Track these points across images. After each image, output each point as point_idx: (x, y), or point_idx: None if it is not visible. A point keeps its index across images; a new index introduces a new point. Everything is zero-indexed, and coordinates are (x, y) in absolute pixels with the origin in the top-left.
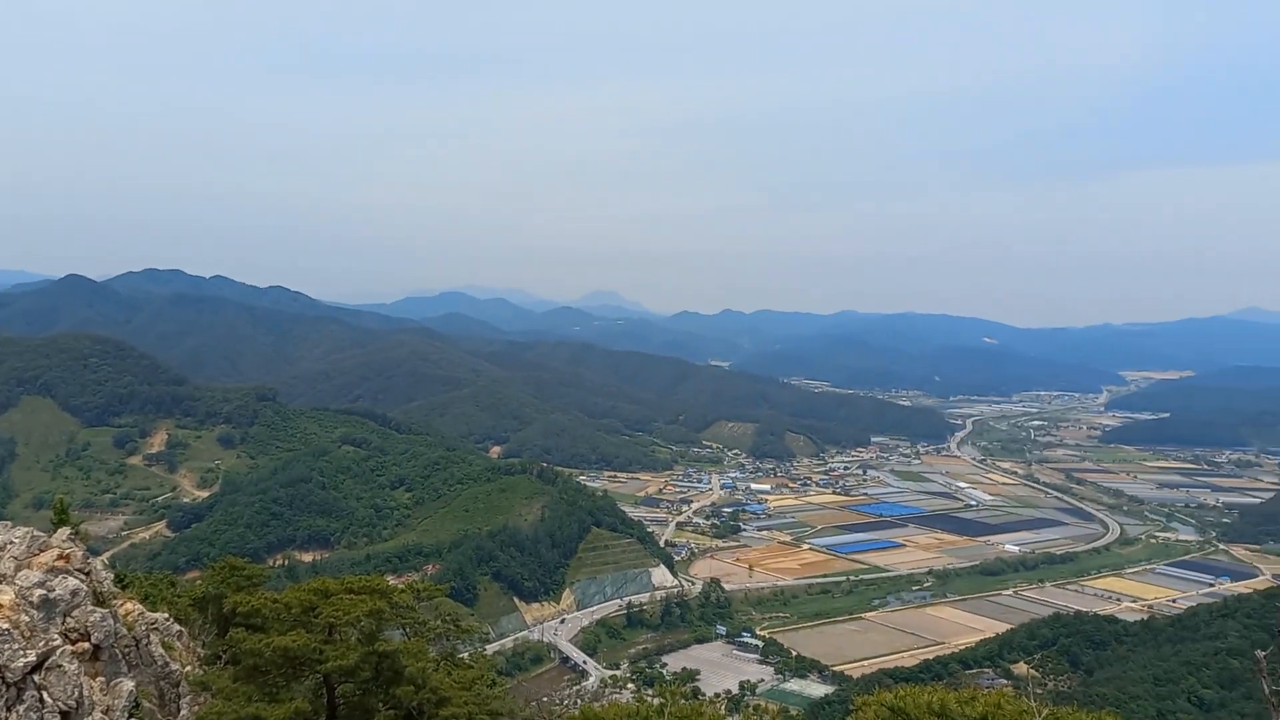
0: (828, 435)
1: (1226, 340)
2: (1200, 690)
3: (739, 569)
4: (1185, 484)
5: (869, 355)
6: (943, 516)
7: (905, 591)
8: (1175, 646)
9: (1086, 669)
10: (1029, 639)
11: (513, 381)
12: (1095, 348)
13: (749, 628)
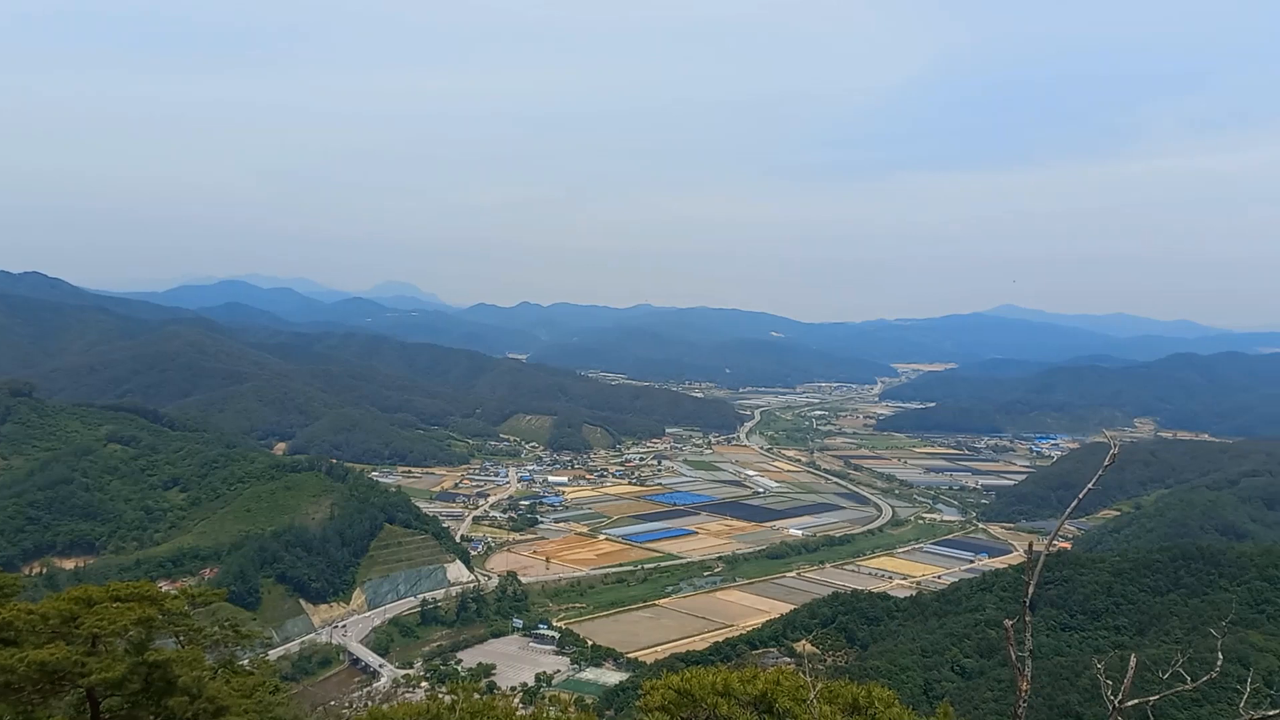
0: (624, 427)
1: (985, 335)
2: (962, 660)
3: (536, 561)
4: (949, 468)
5: (664, 348)
6: (732, 504)
7: (697, 577)
8: (940, 620)
9: (862, 644)
10: (810, 618)
11: (300, 375)
12: (871, 342)
13: (546, 620)
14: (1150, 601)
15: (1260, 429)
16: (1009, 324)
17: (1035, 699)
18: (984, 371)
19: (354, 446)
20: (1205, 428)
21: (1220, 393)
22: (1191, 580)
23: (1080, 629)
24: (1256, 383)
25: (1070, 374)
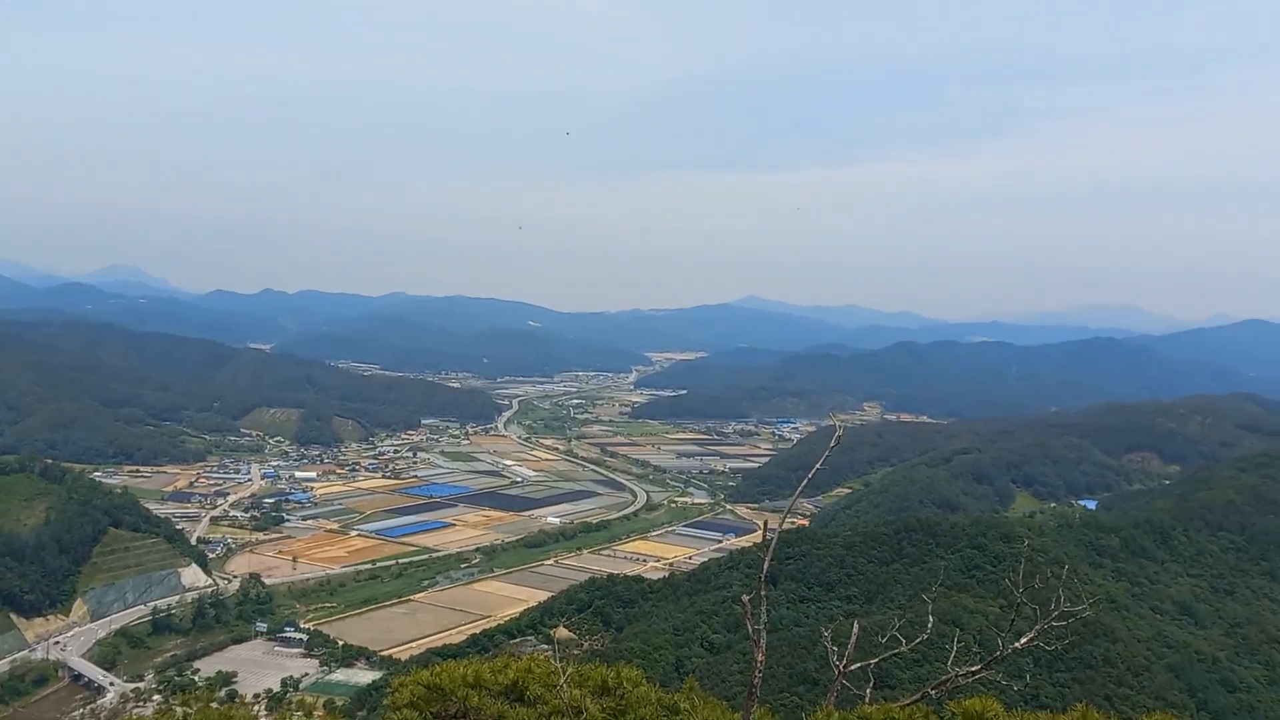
0: (378, 419)
1: (732, 325)
2: (711, 636)
3: (283, 561)
4: (700, 453)
5: (419, 337)
6: (490, 494)
7: (454, 570)
8: (691, 599)
9: (618, 626)
10: (568, 604)
11: (9, 367)
12: (626, 331)
13: (292, 621)
14: (877, 571)
15: (969, 411)
16: (754, 315)
17: (776, 668)
18: (731, 360)
19: (73, 444)
20: (924, 410)
21: (937, 378)
22: (913, 550)
23: (817, 600)
24: (966, 369)
25: (808, 362)
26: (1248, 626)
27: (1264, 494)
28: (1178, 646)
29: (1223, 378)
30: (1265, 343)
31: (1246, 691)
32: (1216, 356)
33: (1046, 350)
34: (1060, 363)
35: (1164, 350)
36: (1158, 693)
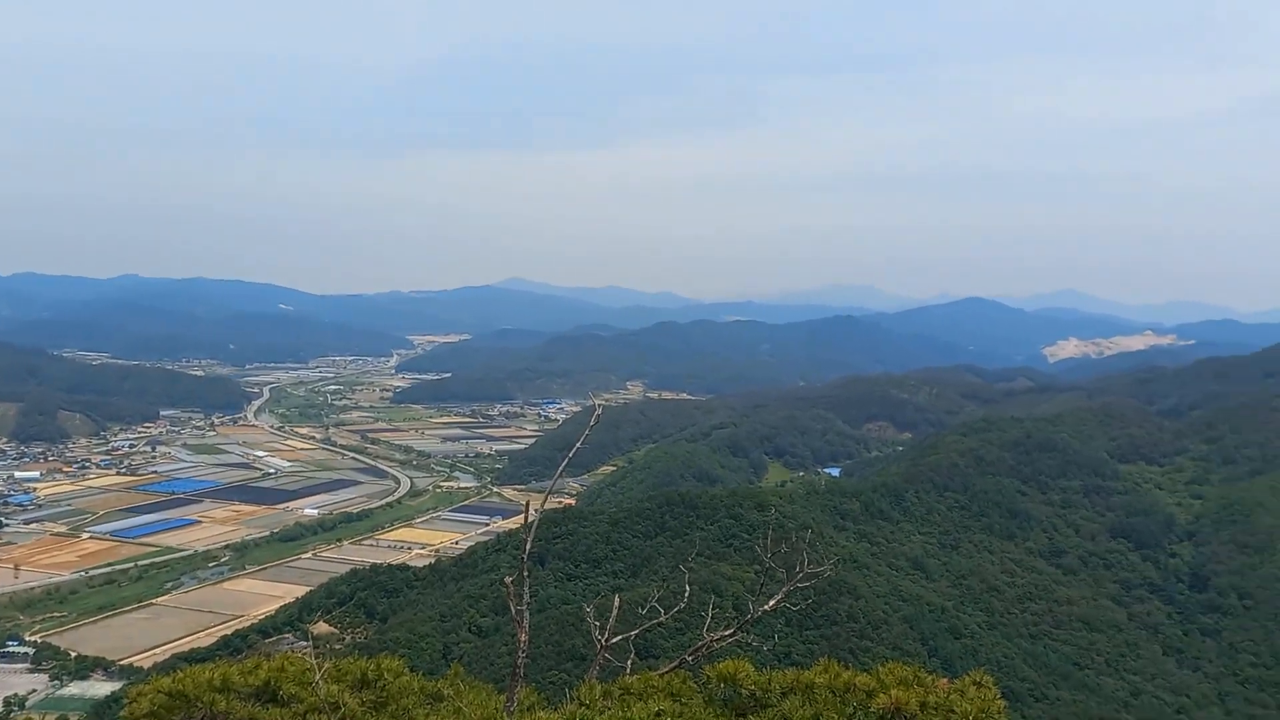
0: (111, 411)
1: (496, 306)
2: (479, 619)
3: (2, 570)
4: (466, 436)
5: (157, 322)
6: (240, 488)
7: (201, 569)
8: (458, 584)
9: (382, 617)
10: (328, 598)
11: None
12: (386, 314)
13: (16, 635)
14: (642, 545)
15: (726, 387)
16: (518, 296)
17: (545, 646)
18: (496, 342)
19: None
20: (684, 388)
21: (696, 356)
22: (675, 523)
23: (584, 577)
24: (722, 347)
25: (572, 342)
26: (970, 578)
27: (983, 456)
28: (911, 599)
29: (947, 351)
30: (983, 318)
31: (970, 637)
32: (941, 332)
33: (795, 328)
34: (807, 339)
35: (896, 326)
36: (895, 643)
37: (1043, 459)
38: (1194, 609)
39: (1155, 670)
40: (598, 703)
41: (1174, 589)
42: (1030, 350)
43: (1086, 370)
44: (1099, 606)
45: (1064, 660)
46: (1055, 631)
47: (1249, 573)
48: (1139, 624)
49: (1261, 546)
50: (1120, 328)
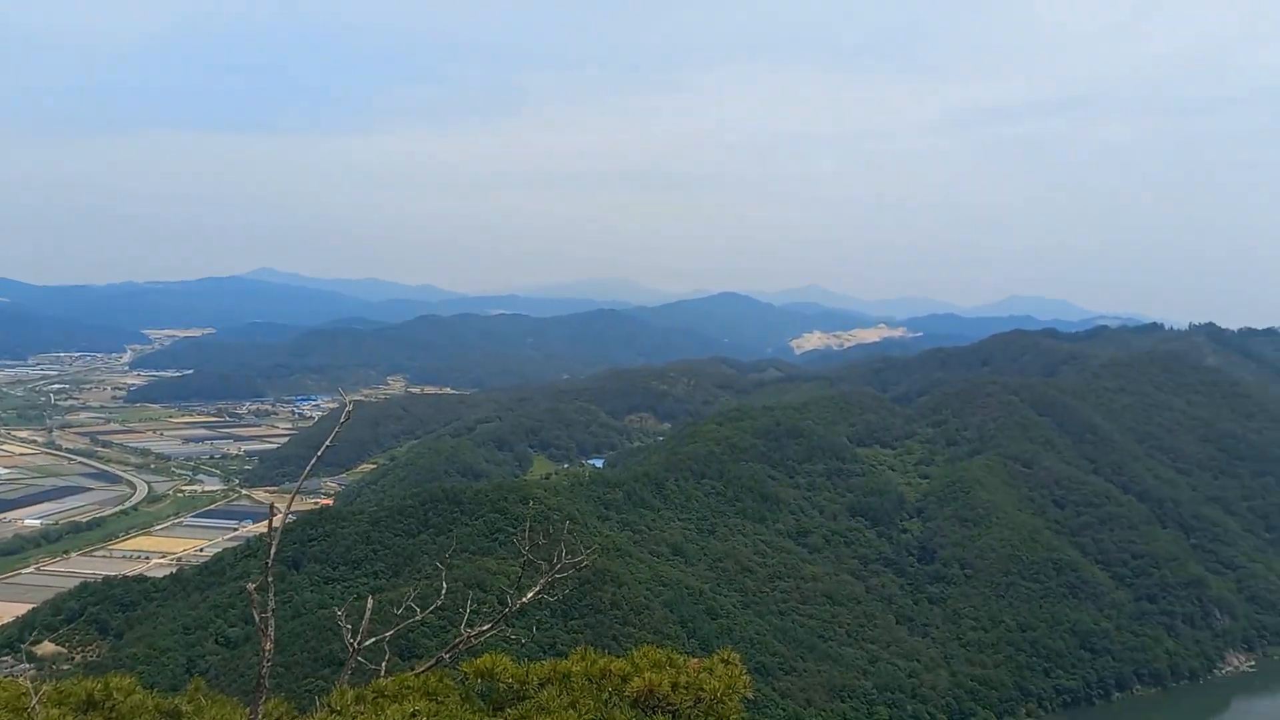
0: None
1: (244, 299)
2: (227, 630)
3: None
4: (210, 437)
5: None
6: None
7: None
8: (204, 593)
9: (117, 633)
10: (54, 615)
11: None
12: (118, 306)
13: None
14: (404, 544)
15: (491, 381)
16: (268, 288)
17: (301, 653)
18: (244, 336)
19: None
20: (447, 382)
21: (459, 350)
22: (439, 520)
23: (343, 580)
24: (486, 341)
25: (328, 337)
26: (726, 560)
27: (737, 444)
28: (672, 584)
29: (704, 344)
30: (737, 313)
31: (726, 617)
32: (698, 325)
33: (559, 321)
34: (571, 333)
35: (656, 320)
36: (656, 627)
37: (790, 445)
38: (923, 580)
39: (890, 639)
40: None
41: (905, 562)
42: (779, 342)
43: (829, 360)
44: (840, 581)
45: (810, 633)
46: (802, 607)
47: (969, 544)
48: (875, 596)
49: (979, 520)
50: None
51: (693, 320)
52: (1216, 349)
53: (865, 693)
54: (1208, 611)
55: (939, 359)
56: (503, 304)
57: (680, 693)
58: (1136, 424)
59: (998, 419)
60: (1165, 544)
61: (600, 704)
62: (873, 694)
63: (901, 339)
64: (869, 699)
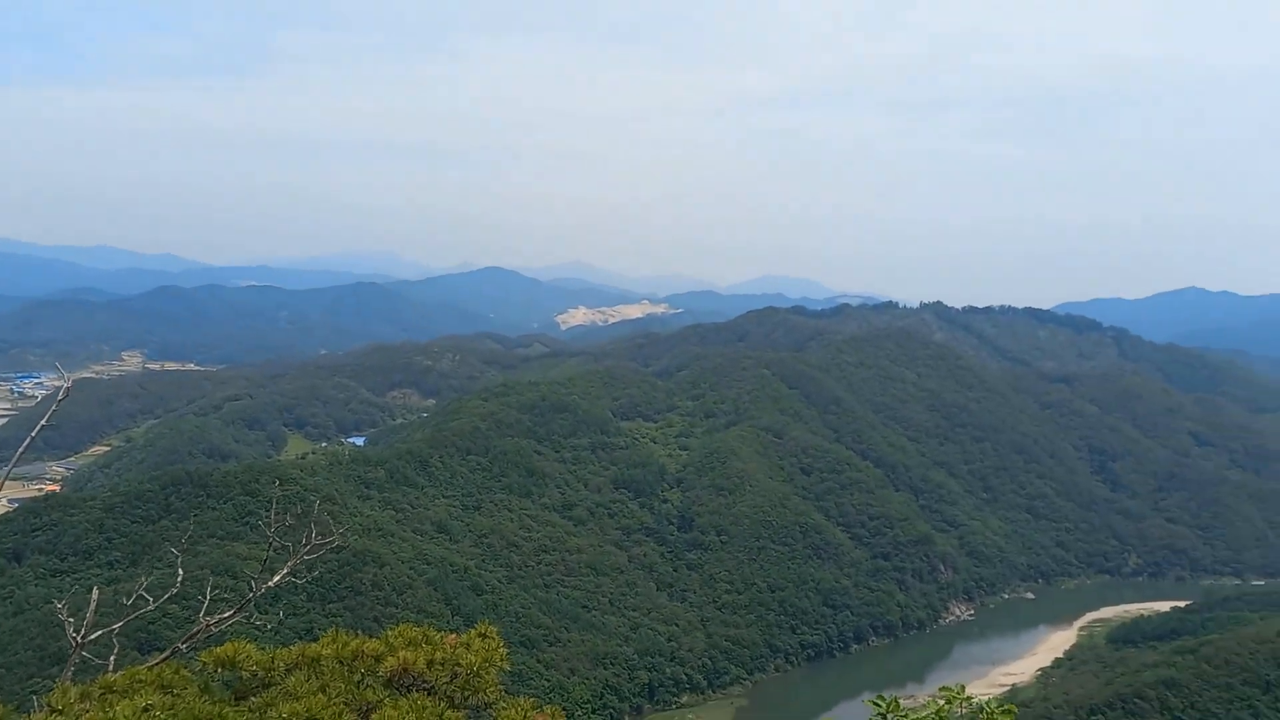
0: None
1: None
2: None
3: None
4: None
5: None
6: None
7: None
8: None
9: None
10: None
11: None
12: None
13: None
14: (144, 531)
15: (241, 357)
16: None
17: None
18: None
19: None
20: (191, 358)
21: (204, 324)
22: (182, 504)
23: (73, 571)
24: (236, 314)
25: (55, 308)
26: (492, 536)
27: (503, 419)
28: (436, 562)
29: (469, 319)
30: (502, 287)
31: (492, 592)
32: (463, 300)
33: (316, 295)
34: (329, 307)
35: (419, 294)
36: (420, 606)
37: (556, 420)
38: (682, 547)
39: (651, 605)
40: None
41: (666, 531)
42: (545, 318)
43: (594, 336)
44: (604, 552)
45: (574, 604)
46: (567, 579)
47: (725, 512)
48: (637, 564)
49: (734, 488)
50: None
51: (458, 295)
52: (943, 326)
53: (627, 659)
54: (934, 566)
55: (698, 334)
56: (252, 275)
57: (436, 669)
58: (874, 395)
59: (752, 392)
60: (898, 505)
61: (352, 686)
62: (634, 659)
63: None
64: (630, 664)
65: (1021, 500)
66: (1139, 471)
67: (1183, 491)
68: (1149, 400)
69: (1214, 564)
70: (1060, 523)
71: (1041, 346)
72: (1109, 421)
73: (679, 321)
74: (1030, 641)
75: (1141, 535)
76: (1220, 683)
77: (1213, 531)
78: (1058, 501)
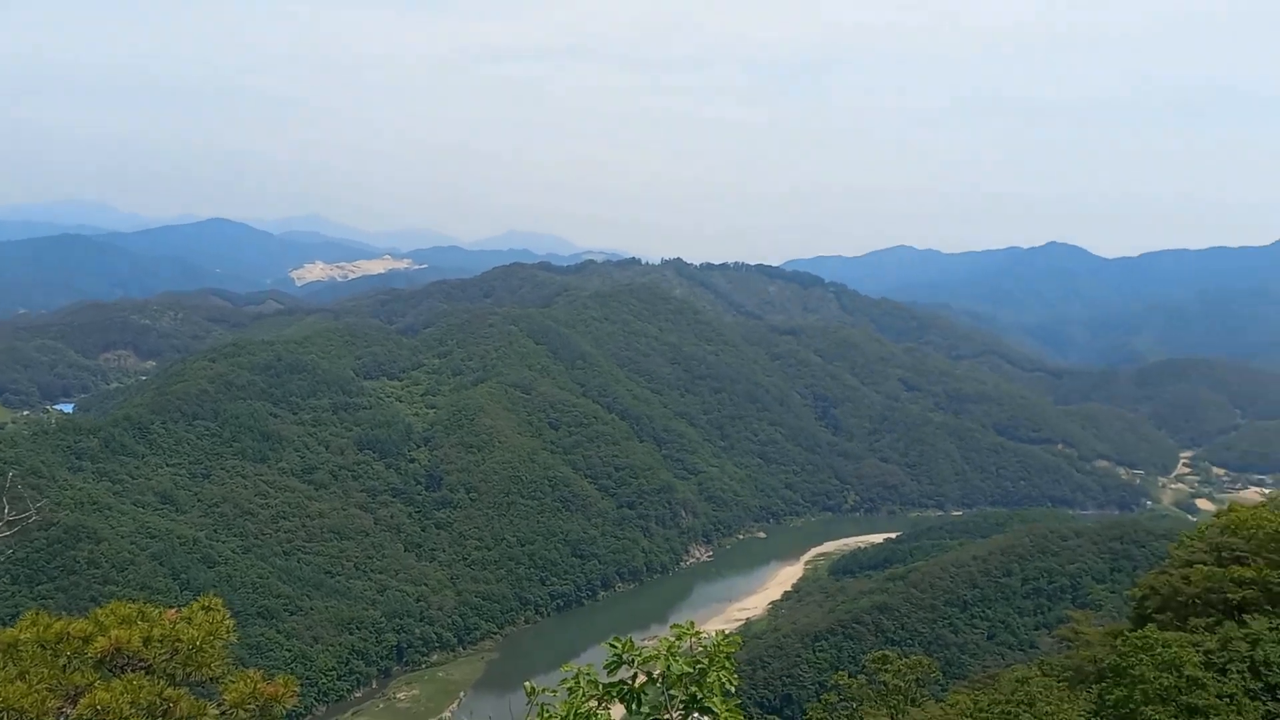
0: None
1: None
2: None
3: None
4: None
5: None
6: None
7: None
8: None
9: None
10: None
11: None
12: None
13: None
14: None
15: None
16: None
17: None
18: None
19: None
20: None
21: None
22: None
23: None
24: None
25: None
26: (224, 505)
27: (233, 381)
28: (161, 535)
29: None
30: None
31: (225, 564)
32: (186, 254)
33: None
34: (30, 260)
35: (135, 247)
36: (143, 582)
37: (294, 380)
38: (430, 506)
39: (399, 567)
40: None
41: (414, 491)
42: (278, 273)
43: (333, 293)
44: (349, 515)
45: (317, 571)
46: (309, 545)
47: (473, 469)
48: (384, 527)
49: (482, 445)
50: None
51: (179, 248)
52: (683, 281)
53: (374, 622)
54: (675, 513)
55: (444, 291)
56: None
57: (155, 647)
58: (619, 349)
59: (499, 348)
60: (642, 456)
61: (57, 671)
62: (381, 622)
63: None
64: (378, 627)
65: (755, 446)
66: (857, 416)
67: (893, 433)
68: (865, 349)
69: (920, 498)
70: (789, 466)
71: (772, 301)
72: (831, 370)
73: (423, 278)
74: (762, 578)
75: (859, 474)
76: (926, 604)
77: (919, 469)
78: (787, 446)
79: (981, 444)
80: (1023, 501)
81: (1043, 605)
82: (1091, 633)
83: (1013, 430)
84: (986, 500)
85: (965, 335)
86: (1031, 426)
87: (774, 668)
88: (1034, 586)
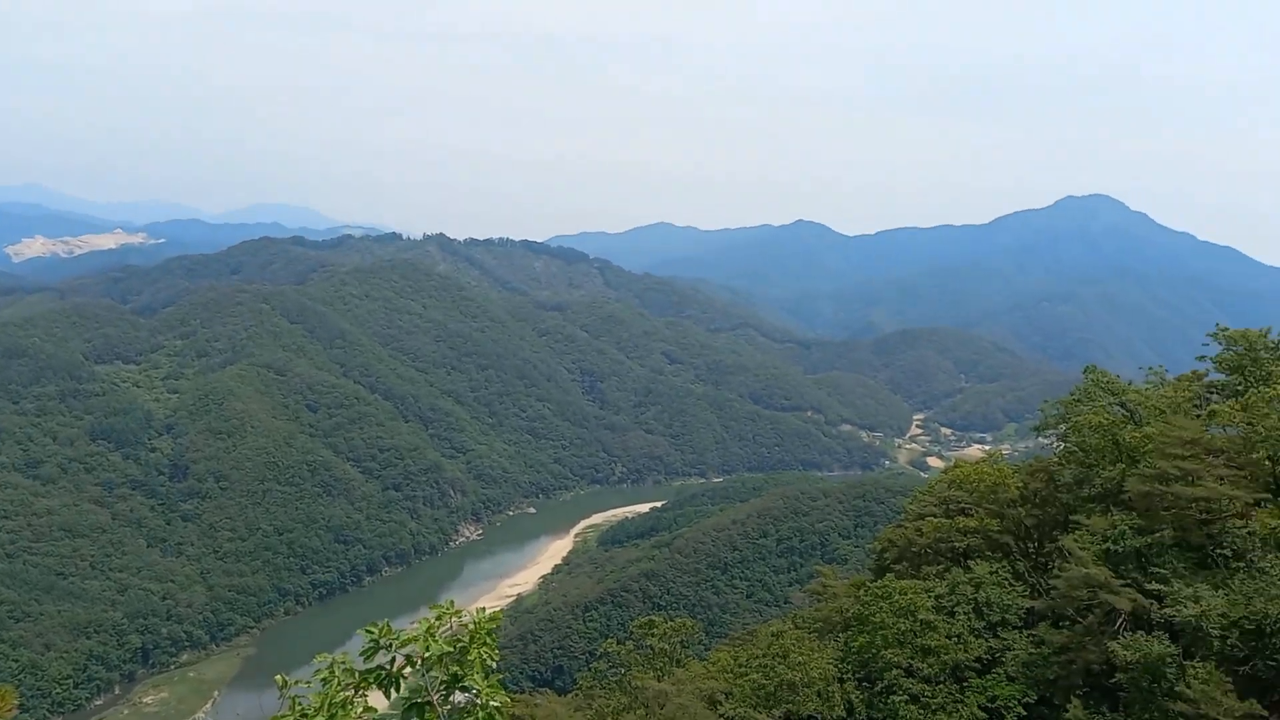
0: None
1: None
2: None
3: None
4: None
5: None
6: None
7: None
8: None
9: None
10: None
11: None
12: None
13: None
14: None
15: None
16: None
17: None
18: None
19: None
20: None
21: None
22: None
23: None
24: None
25: None
26: None
27: None
28: None
29: None
30: None
31: None
32: None
33: None
34: None
35: None
36: None
37: (13, 366)
38: (176, 498)
39: (141, 564)
40: None
41: (156, 482)
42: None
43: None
44: (82, 511)
45: (47, 573)
46: (35, 545)
47: (224, 456)
48: (123, 522)
49: (233, 431)
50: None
51: None
52: (446, 257)
53: (115, 624)
54: (444, 492)
55: (185, 267)
56: None
57: None
58: (381, 328)
59: (250, 328)
60: (407, 436)
61: None
62: (123, 624)
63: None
64: (119, 630)
65: (523, 423)
66: (623, 389)
67: (657, 405)
68: (629, 324)
69: (683, 467)
70: (557, 441)
71: (537, 277)
72: (597, 345)
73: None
74: (533, 552)
75: (625, 447)
76: (690, 569)
77: (682, 439)
78: (555, 421)
79: (739, 413)
80: (777, 466)
81: (795, 563)
82: (838, 586)
83: (767, 399)
84: (744, 466)
85: (723, 309)
86: (784, 395)
87: (545, 641)
88: (788, 545)
